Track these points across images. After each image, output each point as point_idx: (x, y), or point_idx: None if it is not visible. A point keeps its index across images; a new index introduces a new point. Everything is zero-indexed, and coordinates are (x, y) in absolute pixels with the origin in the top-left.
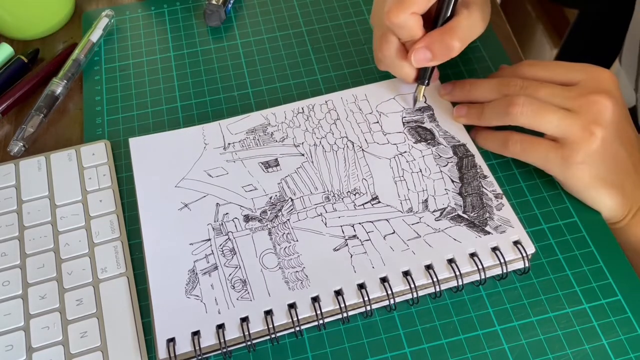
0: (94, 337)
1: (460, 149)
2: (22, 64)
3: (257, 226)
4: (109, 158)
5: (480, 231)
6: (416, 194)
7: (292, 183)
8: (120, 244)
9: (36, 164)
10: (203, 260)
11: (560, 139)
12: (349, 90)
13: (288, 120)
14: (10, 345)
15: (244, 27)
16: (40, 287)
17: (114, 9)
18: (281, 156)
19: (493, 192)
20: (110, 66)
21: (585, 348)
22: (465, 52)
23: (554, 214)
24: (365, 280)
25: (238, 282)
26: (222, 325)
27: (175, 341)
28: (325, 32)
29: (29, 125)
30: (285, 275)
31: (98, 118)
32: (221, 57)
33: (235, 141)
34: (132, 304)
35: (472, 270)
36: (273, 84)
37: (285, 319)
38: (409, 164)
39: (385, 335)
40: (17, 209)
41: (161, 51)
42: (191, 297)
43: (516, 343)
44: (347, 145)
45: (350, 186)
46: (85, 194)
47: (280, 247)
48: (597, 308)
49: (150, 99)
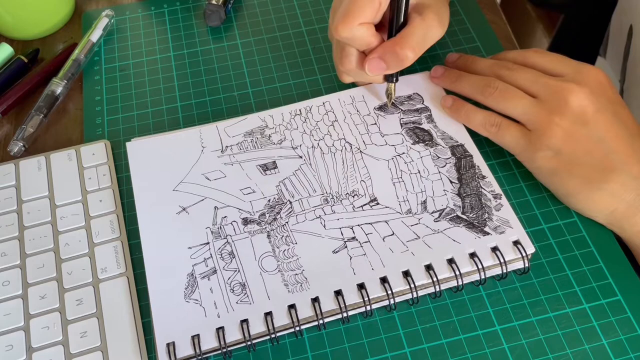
0: (94, 337)
1: (459, 149)
2: (22, 64)
3: (255, 229)
4: (109, 158)
5: (480, 232)
6: (415, 195)
7: (290, 185)
8: (120, 244)
9: (36, 164)
10: (202, 264)
11: (527, 125)
12: (346, 91)
13: (285, 123)
14: (10, 345)
15: (244, 27)
16: (40, 287)
17: (114, 9)
18: (279, 158)
19: (492, 192)
20: (110, 66)
21: (585, 348)
22: (465, 52)
23: (554, 214)
24: (365, 281)
25: (237, 285)
26: (222, 329)
27: (175, 345)
28: (325, 32)
29: (29, 125)
30: (285, 278)
31: (98, 118)
32: (221, 57)
33: (233, 144)
34: (132, 304)
35: (472, 270)
36: (273, 84)
37: (285, 319)
38: (408, 165)
39: (385, 335)
40: (17, 209)
41: (161, 51)
42: (190, 301)
43: (516, 343)
44: (345, 147)
45: (349, 188)
46: (85, 194)
47: (279, 250)
48: (597, 308)
49: (150, 99)
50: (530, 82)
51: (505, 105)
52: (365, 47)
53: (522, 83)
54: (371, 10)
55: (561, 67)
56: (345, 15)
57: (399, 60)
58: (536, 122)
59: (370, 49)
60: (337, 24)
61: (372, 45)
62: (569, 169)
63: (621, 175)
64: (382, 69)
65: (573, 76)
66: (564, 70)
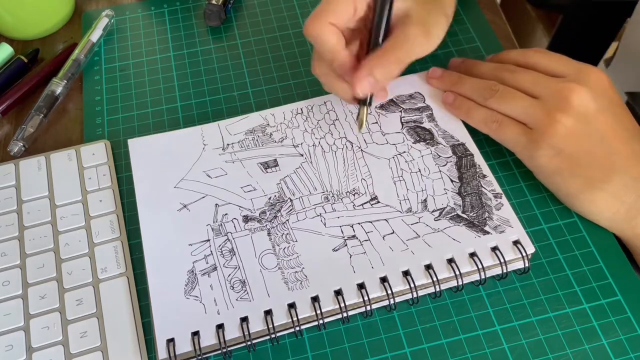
0: (94, 337)
1: (460, 148)
2: (22, 64)
3: (256, 227)
4: (109, 158)
5: (480, 231)
6: (415, 194)
7: (291, 183)
8: (120, 244)
9: (36, 164)
10: (202, 261)
11: (528, 124)
12: None
13: (287, 121)
14: (10, 345)
15: (244, 27)
16: (40, 287)
17: (114, 9)
18: (280, 157)
19: (492, 191)
20: (110, 66)
21: (585, 348)
22: (465, 52)
23: (554, 214)
24: (365, 280)
25: (237, 282)
26: (222, 326)
27: (174, 341)
28: None
29: (29, 125)
30: (285, 275)
31: (98, 118)
32: (221, 57)
33: (234, 142)
34: (132, 304)
35: (472, 270)
36: (273, 84)
37: (285, 319)
38: (408, 164)
39: (385, 335)
40: (17, 209)
41: (161, 51)
42: (190, 298)
43: (516, 343)
44: (346, 145)
45: (350, 186)
46: (85, 194)
47: (280, 248)
48: (597, 308)
49: (150, 99)
50: (531, 84)
51: (505, 106)
52: (332, 56)
53: (523, 85)
54: (345, 12)
55: (563, 67)
56: (316, 13)
57: (388, 74)
58: (537, 121)
59: (337, 60)
60: (307, 22)
61: (337, 55)
62: (570, 169)
63: (622, 177)
64: (371, 86)
65: (574, 76)
66: (566, 71)
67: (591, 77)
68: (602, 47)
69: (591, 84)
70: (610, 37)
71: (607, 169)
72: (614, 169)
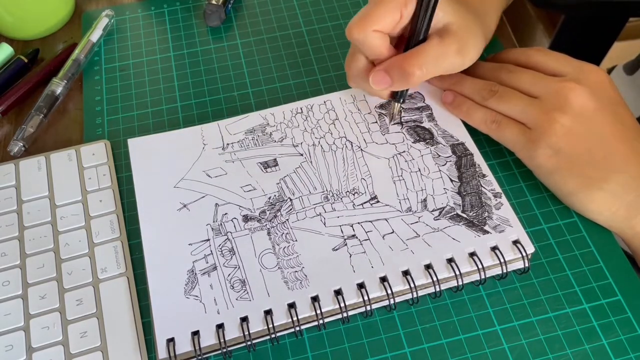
0: (94, 337)
1: (459, 147)
2: (22, 64)
3: (256, 226)
4: (109, 158)
5: (479, 230)
6: (415, 193)
7: (291, 183)
8: (120, 244)
9: (36, 164)
10: (202, 261)
11: (527, 124)
12: (347, 90)
13: (287, 121)
14: (10, 345)
15: (244, 27)
16: (40, 287)
17: (114, 9)
18: (280, 156)
19: (492, 191)
20: (110, 66)
21: (585, 348)
22: None
23: (554, 214)
24: (365, 280)
25: (237, 282)
26: (222, 325)
27: (174, 341)
28: (325, 32)
29: (29, 125)
30: (285, 275)
31: (98, 118)
32: (221, 57)
33: (234, 141)
34: (132, 304)
35: (472, 270)
36: (273, 84)
37: (285, 319)
38: (408, 164)
39: (385, 335)
40: (17, 209)
41: (161, 51)
42: (190, 298)
43: (516, 343)
44: (346, 145)
45: (349, 186)
46: (85, 194)
47: (280, 247)
48: (597, 308)
49: (150, 99)
50: (530, 84)
51: (505, 106)
52: (375, 57)
53: (523, 85)
54: (391, 19)
55: (563, 66)
56: (362, 17)
57: (404, 76)
58: (536, 120)
59: (380, 60)
60: (352, 25)
61: (382, 57)
62: (569, 168)
63: (622, 176)
64: (386, 83)
65: (574, 75)
66: (566, 70)
67: (591, 76)
68: (604, 47)
69: (591, 83)
70: (613, 37)
71: (606, 168)
72: (613, 168)
